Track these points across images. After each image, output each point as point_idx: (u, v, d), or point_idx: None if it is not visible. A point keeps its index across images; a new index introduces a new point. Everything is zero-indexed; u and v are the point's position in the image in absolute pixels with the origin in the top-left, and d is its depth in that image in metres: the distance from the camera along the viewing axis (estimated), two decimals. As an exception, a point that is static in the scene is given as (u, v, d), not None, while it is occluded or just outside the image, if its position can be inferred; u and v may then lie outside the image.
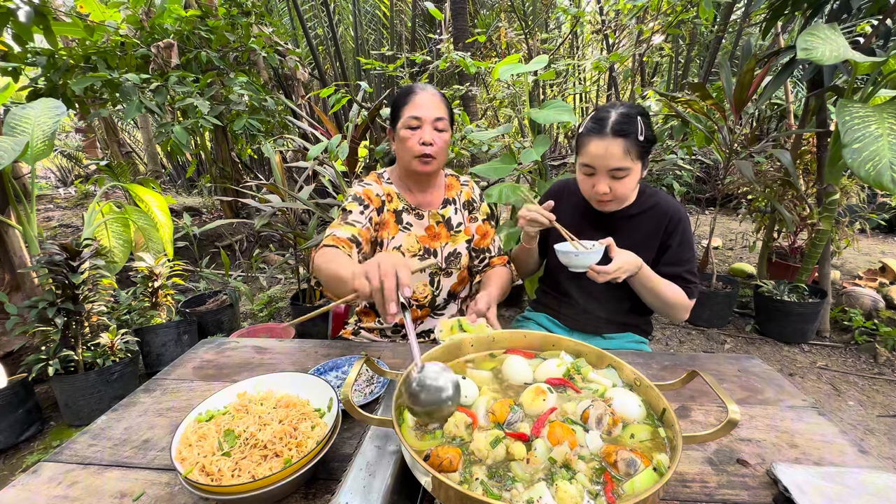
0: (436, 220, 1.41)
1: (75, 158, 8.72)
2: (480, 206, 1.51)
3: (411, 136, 1.27)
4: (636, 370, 0.80)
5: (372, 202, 1.34)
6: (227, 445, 0.74)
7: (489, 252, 1.49)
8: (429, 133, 1.26)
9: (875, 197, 4.25)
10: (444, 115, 1.29)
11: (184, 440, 0.75)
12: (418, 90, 1.30)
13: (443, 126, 1.28)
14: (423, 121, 1.26)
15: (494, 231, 1.50)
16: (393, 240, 1.37)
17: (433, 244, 1.40)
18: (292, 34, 5.97)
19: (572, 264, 1.19)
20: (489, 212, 1.53)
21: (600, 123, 1.18)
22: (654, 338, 2.96)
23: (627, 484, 0.60)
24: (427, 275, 1.39)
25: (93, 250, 2.06)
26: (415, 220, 1.39)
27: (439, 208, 1.43)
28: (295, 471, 0.68)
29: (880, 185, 1.80)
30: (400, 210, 1.39)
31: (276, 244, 4.61)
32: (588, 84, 6.90)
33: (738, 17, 4.70)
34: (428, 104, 1.27)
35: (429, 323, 1.46)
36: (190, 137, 3.35)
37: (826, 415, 0.95)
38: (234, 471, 0.69)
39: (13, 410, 1.99)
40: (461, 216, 1.46)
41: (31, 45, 2.75)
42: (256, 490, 0.65)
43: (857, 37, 2.64)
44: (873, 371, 2.55)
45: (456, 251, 1.42)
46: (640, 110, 1.20)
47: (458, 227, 1.44)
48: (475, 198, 1.50)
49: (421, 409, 0.70)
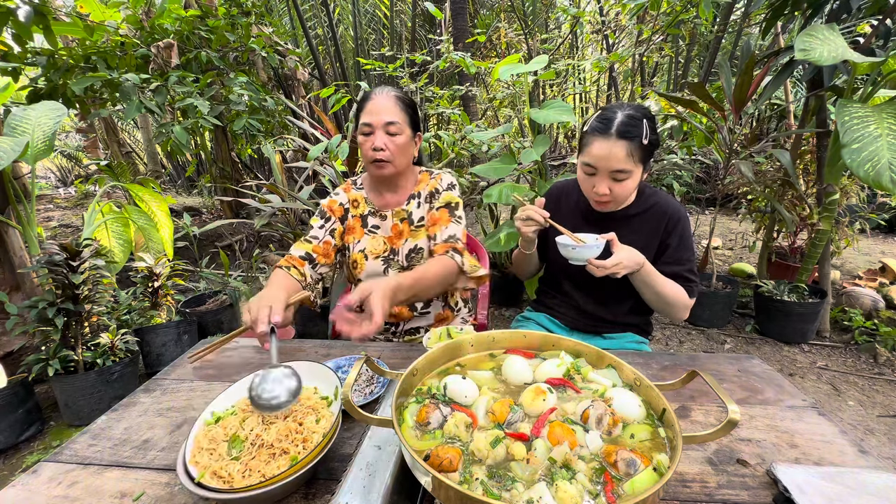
0: (399, 218, 1.40)
1: (75, 158, 8.72)
2: (443, 194, 1.40)
3: (364, 141, 1.30)
4: (636, 370, 0.80)
5: (334, 213, 1.42)
6: (236, 451, 0.74)
7: (434, 240, 1.36)
8: (380, 138, 1.27)
9: (875, 197, 4.25)
10: (397, 118, 1.27)
11: (196, 444, 0.76)
12: (373, 95, 1.30)
13: (395, 129, 1.28)
14: (374, 126, 1.27)
15: (451, 220, 1.37)
16: (358, 244, 1.41)
17: (397, 243, 1.40)
18: (292, 34, 5.97)
19: (572, 257, 1.19)
20: (452, 201, 1.40)
21: (606, 124, 1.17)
22: (654, 338, 2.96)
23: (627, 484, 0.60)
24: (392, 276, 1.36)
25: (93, 250, 2.06)
26: (380, 222, 1.41)
27: (404, 205, 1.41)
28: (303, 467, 0.69)
29: (879, 186, 1.80)
30: (366, 214, 1.42)
31: (276, 244, 4.60)
32: (588, 84, 6.90)
33: (738, 17, 4.70)
34: (379, 109, 1.27)
35: (414, 322, 1.46)
36: (190, 137, 3.35)
37: (826, 415, 0.95)
38: (244, 472, 0.70)
39: (13, 410, 1.99)
40: (423, 210, 1.41)
41: (31, 45, 2.75)
42: (263, 489, 0.65)
43: (856, 37, 2.64)
44: (873, 371, 2.55)
45: (417, 246, 1.39)
46: (647, 113, 1.19)
47: (419, 221, 1.41)
48: (439, 187, 1.42)
49: (256, 407, 0.81)
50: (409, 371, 0.79)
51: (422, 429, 0.71)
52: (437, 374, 0.85)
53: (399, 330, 1.48)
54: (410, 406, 0.75)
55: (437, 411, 0.71)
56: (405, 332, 1.48)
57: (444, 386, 0.78)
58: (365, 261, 1.39)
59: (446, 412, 0.72)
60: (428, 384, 0.81)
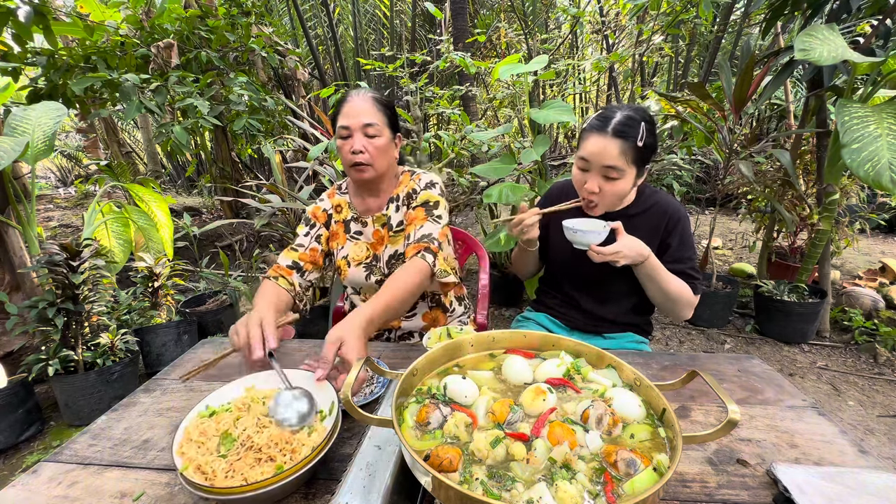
0: (380, 224, 1.37)
1: (75, 158, 8.72)
2: (421, 193, 1.34)
3: (343, 145, 1.25)
4: (636, 370, 0.80)
5: (318, 219, 1.40)
6: (224, 448, 0.74)
7: (408, 240, 1.30)
8: (358, 141, 1.23)
9: (875, 197, 4.24)
10: (375, 119, 1.23)
11: (186, 435, 0.76)
12: (349, 97, 1.26)
13: (374, 131, 1.23)
14: (352, 129, 1.23)
15: (426, 219, 1.30)
16: (341, 250, 1.39)
17: (379, 249, 1.37)
18: (292, 34, 5.97)
19: (576, 241, 1.19)
20: (430, 200, 1.33)
21: (604, 121, 1.18)
22: (654, 338, 2.96)
23: (627, 484, 0.60)
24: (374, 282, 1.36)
25: (93, 250, 2.06)
26: (362, 228, 1.39)
27: (384, 210, 1.37)
28: (285, 478, 0.68)
29: (879, 185, 1.80)
30: (348, 220, 1.39)
31: (276, 244, 4.60)
32: (588, 84, 6.90)
33: (738, 17, 4.70)
34: (356, 111, 1.23)
35: (406, 326, 1.45)
36: (190, 137, 3.35)
37: (826, 415, 0.95)
38: (227, 472, 0.70)
39: (13, 410, 1.99)
40: (402, 213, 1.36)
41: (31, 45, 2.75)
42: (249, 493, 0.66)
43: (856, 37, 2.64)
44: (873, 371, 2.55)
45: (397, 252, 1.35)
46: (646, 116, 1.20)
47: (398, 226, 1.36)
48: (417, 187, 1.35)
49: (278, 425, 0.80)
50: (409, 371, 0.79)
51: (422, 429, 0.71)
52: (437, 374, 0.85)
53: (394, 336, 1.48)
54: (410, 406, 0.75)
55: (437, 411, 0.71)
56: (399, 338, 1.48)
57: (444, 386, 0.78)
58: (348, 268, 1.38)
59: (446, 412, 0.72)
60: (428, 384, 0.81)
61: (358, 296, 1.45)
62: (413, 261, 1.20)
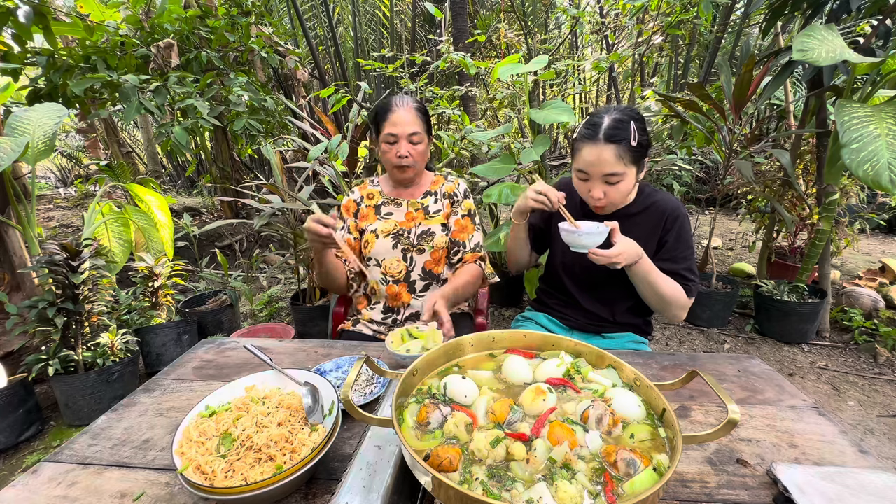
0: (414, 208, 1.54)
1: (75, 158, 8.71)
2: (463, 202, 1.56)
3: (390, 149, 1.44)
4: (636, 370, 0.80)
5: (348, 212, 1.59)
6: (224, 448, 0.74)
7: (464, 247, 1.54)
8: (405, 147, 1.43)
9: (875, 197, 4.25)
10: (419, 128, 1.43)
11: (186, 435, 0.76)
12: (395, 107, 1.42)
13: (418, 139, 1.44)
14: (400, 136, 1.42)
15: (475, 229, 1.56)
16: (370, 226, 1.54)
17: (409, 226, 1.52)
18: (292, 34, 5.97)
19: (574, 244, 1.19)
20: (472, 209, 1.58)
21: (593, 129, 1.18)
22: (654, 338, 2.96)
23: (627, 484, 0.60)
24: (400, 251, 1.50)
25: (93, 250, 2.06)
26: (394, 209, 1.55)
27: (419, 198, 1.56)
28: (284, 478, 0.68)
29: (878, 185, 1.80)
30: (380, 203, 1.57)
31: (276, 244, 4.61)
32: (588, 84, 6.90)
33: (737, 18, 4.70)
34: (403, 121, 1.41)
35: (416, 304, 1.52)
36: (190, 138, 3.35)
37: (826, 415, 0.95)
38: (227, 472, 0.70)
39: (13, 410, 1.99)
40: (441, 205, 1.55)
41: (31, 45, 2.75)
42: (249, 493, 0.66)
43: (856, 37, 2.64)
44: (873, 371, 2.56)
45: (429, 230, 1.51)
46: (634, 115, 1.19)
47: (435, 213, 1.54)
48: (457, 192, 1.57)
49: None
50: (409, 371, 0.79)
51: (422, 429, 0.71)
52: (437, 374, 0.85)
53: (400, 318, 1.52)
54: (410, 406, 0.75)
55: (437, 411, 0.71)
56: (405, 320, 1.53)
57: (444, 386, 0.78)
58: (376, 239, 1.50)
59: (446, 412, 0.72)
60: (428, 384, 0.81)
61: (378, 268, 1.51)
62: (472, 266, 1.50)
